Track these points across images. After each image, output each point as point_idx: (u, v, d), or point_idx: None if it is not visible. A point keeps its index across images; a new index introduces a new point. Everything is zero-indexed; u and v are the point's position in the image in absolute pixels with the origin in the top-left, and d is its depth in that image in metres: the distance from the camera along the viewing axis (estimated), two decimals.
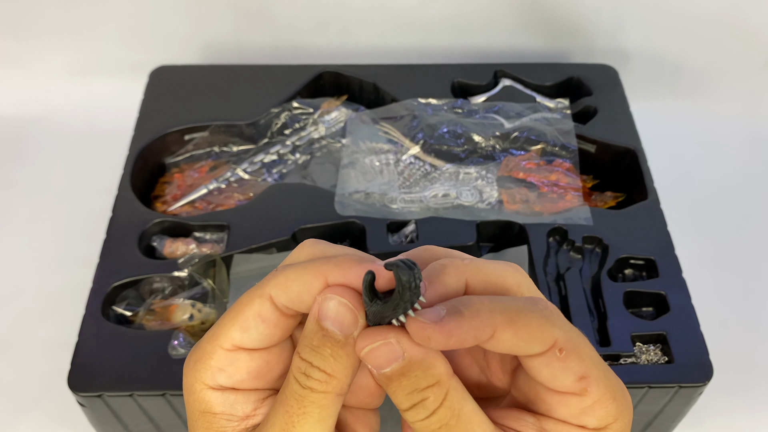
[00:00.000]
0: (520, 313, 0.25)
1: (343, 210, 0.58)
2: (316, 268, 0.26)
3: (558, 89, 0.69)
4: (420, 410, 0.25)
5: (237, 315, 0.27)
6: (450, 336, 0.24)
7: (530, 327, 0.25)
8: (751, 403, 0.60)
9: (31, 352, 0.62)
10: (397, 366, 0.25)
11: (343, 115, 0.66)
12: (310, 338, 0.25)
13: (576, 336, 0.26)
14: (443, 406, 0.25)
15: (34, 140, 0.78)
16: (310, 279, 0.26)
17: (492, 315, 0.25)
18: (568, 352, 0.25)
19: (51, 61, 0.79)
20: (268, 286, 0.26)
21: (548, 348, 0.25)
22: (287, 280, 0.26)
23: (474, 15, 0.75)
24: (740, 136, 0.80)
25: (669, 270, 0.54)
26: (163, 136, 0.64)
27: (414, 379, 0.25)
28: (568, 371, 0.25)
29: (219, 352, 0.27)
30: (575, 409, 0.26)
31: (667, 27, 0.76)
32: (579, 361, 0.25)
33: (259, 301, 0.26)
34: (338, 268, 0.25)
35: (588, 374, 0.25)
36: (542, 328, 0.25)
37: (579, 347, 0.26)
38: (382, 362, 0.25)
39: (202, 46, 0.78)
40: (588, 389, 0.25)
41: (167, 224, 0.58)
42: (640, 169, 0.61)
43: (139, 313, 0.53)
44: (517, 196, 0.60)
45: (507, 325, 0.25)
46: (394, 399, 0.25)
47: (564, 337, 0.25)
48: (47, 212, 0.72)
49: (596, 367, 0.26)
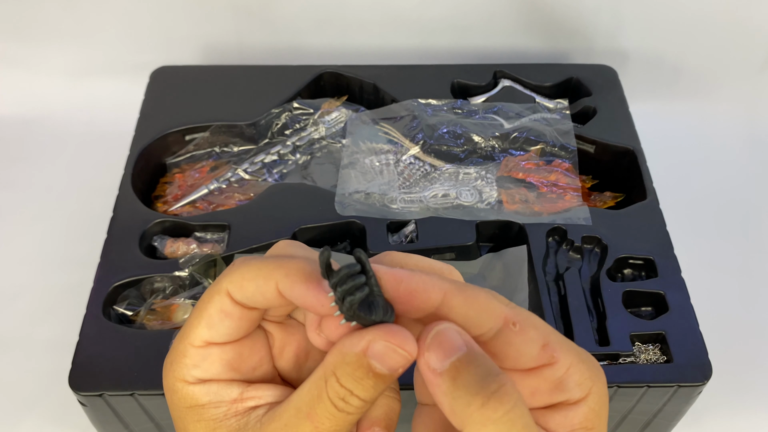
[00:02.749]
0: (468, 287, 0.26)
1: (343, 210, 0.58)
2: (269, 272, 0.26)
3: (557, 90, 0.69)
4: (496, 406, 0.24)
5: (201, 312, 0.27)
6: (399, 281, 0.25)
7: (478, 300, 0.26)
8: (750, 403, 0.60)
9: (32, 351, 0.62)
10: (465, 353, 0.24)
11: (343, 115, 0.66)
12: (354, 369, 0.25)
13: (524, 311, 0.27)
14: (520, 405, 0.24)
15: (35, 140, 0.79)
16: (262, 282, 0.26)
17: (442, 282, 0.25)
18: (522, 325, 0.26)
19: (52, 61, 0.79)
20: (224, 281, 0.27)
21: (500, 323, 0.26)
22: (242, 279, 0.27)
23: (474, 16, 0.75)
24: (739, 136, 0.80)
25: (668, 270, 0.54)
26: (164, 137, 0.64)
27: (484, 367, 0.24)
28: (530, 342, 0.26)
29: (191, 350, 0.28)
30: (553, 381, 0.26)
31: (666, 27, 0.76)
32: (535, 330, 0.26)
33: (218, 297, 0.27)
34: (287, 279, 0.26)
35: (548, 341, 0.26)
36: (489, 302, 0.26)
37: (530, 319, 0.26)
38: (453, 345, 0.24)
39: (203, 46, 0.78)
40: (555, 356, 0.26)
41: (168, 224, 0.58)
42: (639, 169, 0.61)
43: (140, 313, 0.53)
44: (517, 196, 0.60)
45: (456, 292, 0.25)
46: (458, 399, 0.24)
47: (513, 312, 0.26)
48: (48, 212, 0.72)
49: (554, 334, 0.26)
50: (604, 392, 0.27)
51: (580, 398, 0.26)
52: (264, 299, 0.27)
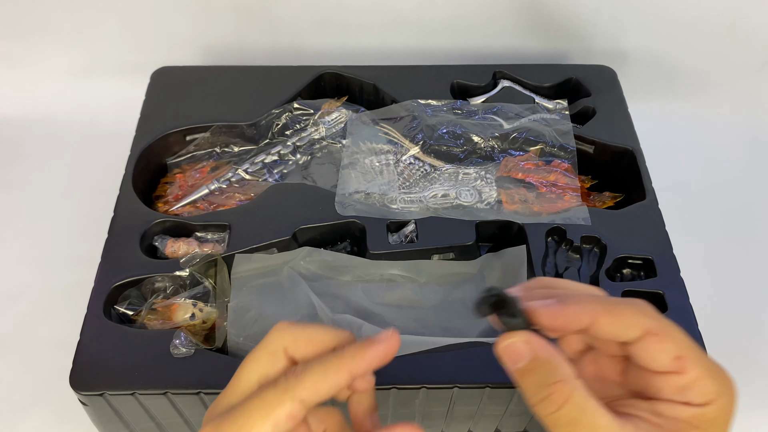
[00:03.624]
0: (615, 305, 0.31)
1: (344, 210, 0.58)
2: (337, 366, 0.32)
3: (557, 90, 0.69)
4: (548, 404, 0.29)
5: (269, 413, 0.30)
6: (553, 319, 0.31)
7: (624, 315, 0.31)
8: (749, 402, 0.60)
9: (33, 351, 0.62)
10: (527, 362, 0.30)
11: (343, 115, 0.66)
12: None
13: (668, 324, 0.31)
14: (569, 402, 0.29)
15: (36, 141, 0.79)
16: (335, 377, 0.31)
17: (591, 305, 0.31)
18: (661, 336, 0.30)
19: (53, 62, 0.79)
20: (298, 389, 0.31)
21: (643, 333, 0.30)
22: (316, 383, 0.31)
23: (473, 16, 0.75)
24: (738, 136, 0.80)
25: (667, 269, 0.54)
26: (165, 137, 0.64)
27: (542, 375, 0.30)
28: (665, 352, 0.30)
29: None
30: (677, 386, 0.30)
31: (665, 28, 0.76)
32: (673, 343, 0.30)
33: (291, 404, 0.30)
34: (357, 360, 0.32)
35: (683, 354, 0.30)
36: (635, 315, 0.31)
37: (671, 332, 0.31)
38: (518, 355, 0.31)
39: (204, 47, 0.78)
40: (685, 367, 0.30)
41: (169, 224, 0.58)
42: (638, 170, 0.61)
43: (141, 313, 0.53)
44: (516, 196, 0.60)
45: (604, 312, 0.31)
46: (527, 393, 0.30)
47: (656, 323, 0.31)
48: (49, 212, 0.72)
49: (691, 349, 0.30)
50: (727, 409, 0.30)
51: (700, 404, 0.30)
52: (338, 388, 0.32)
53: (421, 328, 0.53)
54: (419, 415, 0.52)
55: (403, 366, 0.48)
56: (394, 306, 0.55)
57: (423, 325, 0.53)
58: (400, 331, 0.33)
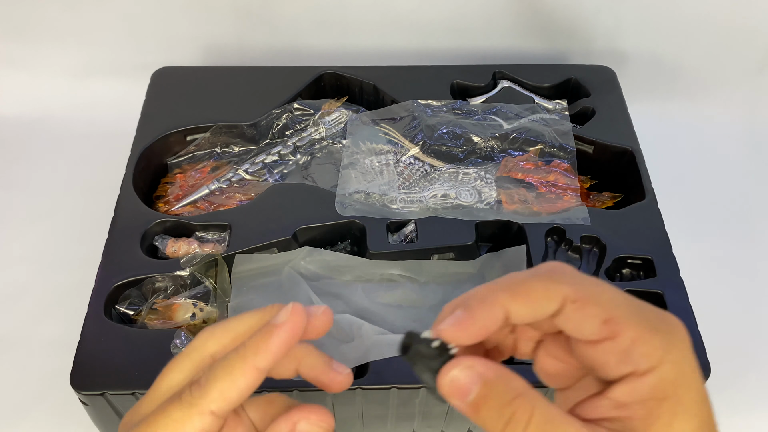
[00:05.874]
0: (522, 283, 0.27)
1: (344, 210, 0.58)
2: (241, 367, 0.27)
3: (556, 90, 0.69)
4: (515, 426, 0.25)
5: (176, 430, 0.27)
6: (467, 328, 0.27)
7: (534, 292, 0.27)
8: (748, 402, 0.60)
9: (33, 350, 0.62)
10: (478, 388, 0.26)
11: (343, 116, 0.66)
12: None
13: (591, 286, 0.27)
14: (535, 414, 0.25)
15: (37, 141, 0.79)
16: (243, 380, 0.27)
17: (496, 294, 0.27)
18: (582, 302, 0.26)
19: (54, 62, 0.79)
20: (205, 402, 0.27)
21: (560, 303, 0.26)
22: (223, 392, 0.27)
23: (473, 17, 0.75)
24: (737, 136, 0.80)
25: (666, 269, 0.54)
26: (165, 137, 0.64)
27: (498, 397, 0.26)
28: (590, 318, 0.26)
29: None
30: (616, 353, 0.26)
31: (665, 29, 0.76)
32: (597, 306, 0.26)
33: (199, 418, 0.27)
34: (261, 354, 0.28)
35: (611, 316, 0.26)
36: (546, 287, 0.27)
37: (594, 294, 0.27)
38: (465, 387, 0.26)
39: (204, 47, 0.78)
40: (617, 330, 0.26)
41: (169, 224, 0.58)
42: (638, 170, 0.61)
43: (142, 312, 0.53)
44: (516, 196, 0.60)
45: (512, 297, 0.27)
46: (489, 425, 0.26)
47: (573, 289, 0.27)
48: (50, 212, 0.73)
49: (621, 308, 0.26)
50: (683, 360, 0.26)
51: (648, 369, 0.26)
52: (249, 390, 0.28)
53: (422, 328, 0.53)
54: (419, 415, 0.52)
55: (404, 366, 0.48)
56: (394, 306, 0.55)
57: (423, 325, 0.53)
58: (400, 330, 0.33)
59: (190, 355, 0.30)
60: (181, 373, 0.29)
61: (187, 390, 0.28)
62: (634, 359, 0.26)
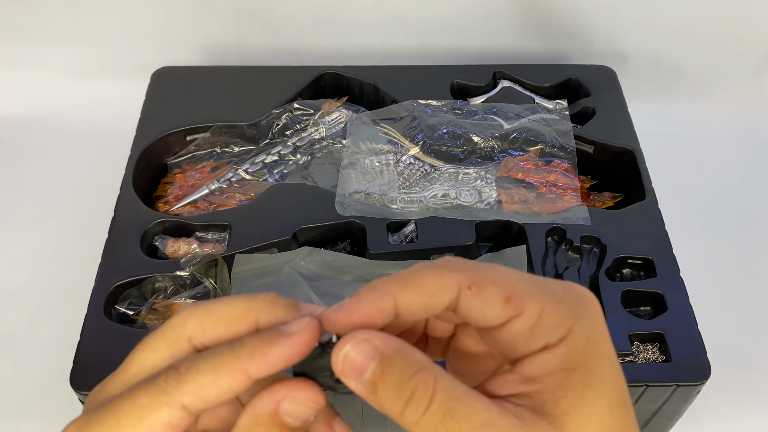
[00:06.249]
0: (413, 273, 0.25)
1: (344, 210, 0.58)
2: (229, 367, 0.24)
3: (556, 90, 0.69)
4: (416, 404, 0.23)
5: (140, 421, 0.24)
6: (349, 316, 0.25)
7: (425, 281, 0.25)
8: (748, 402, 0.61)
9: (33, 351, 0.62)
10: (375, 364, 0.24)
11: (343, 116, 0.66)
12: (268, 428, 0.25)
13: (484, 269, 0.25)
14: (438, 390, 0.23)
15: (37, 141, 0.79)
16: (227, 381, 0.24)
17: (386, 285, 0.25)
18: (478, 285, 0.25)
19: (54, 62, 0.79)
20: (178, 393, 0.24)
21: (455, 291, 0.25)
22: (201, 387, 0.24)
23: (473, 17, 0.75)
24: (737, 136, 0.80)
25: (667, 269, 0.54)
26: (165, 137, 0.64)
27: (397, 370, 0.24)
28: (491, 300, 0.25)
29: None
30: (524, 331, 0.25)
31: (665, 29, 0.76)
32: (495, 286, 0.25)
33: (168, 410, 0.24)
34: (256, 360, 0.24)
35: (511, 293, 0.25)
36: (438, 276, 0.25)
37: (490, 275, 0.25)
38: (360, 364, 0.24)
39: (204, 47, 0.78)
40: (520, 306, 0.24)
41: (169, 224, 0.58)
42: (638, 170, 0.61)
43: (142, 313, 0.53)
44: (516, 196, 0.60)
45: (403, 287, 0.25)
46: (387, 405, 0.24)
47: (466, 275, 0.25)
48: (50, 212, 0.72)
49: (520, 283, 0.25)
50: (593, 328, 0.25)
51: (558, 340, 0.24)
52: (231, 394, 0.25)
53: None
54: None
55: None
56: None
57: None
58: None
59: (166, 334, 0.27)
60: (154, 353, 0.27)
61: (164, 375, 0.25)
62: (543, 333, 0.24)
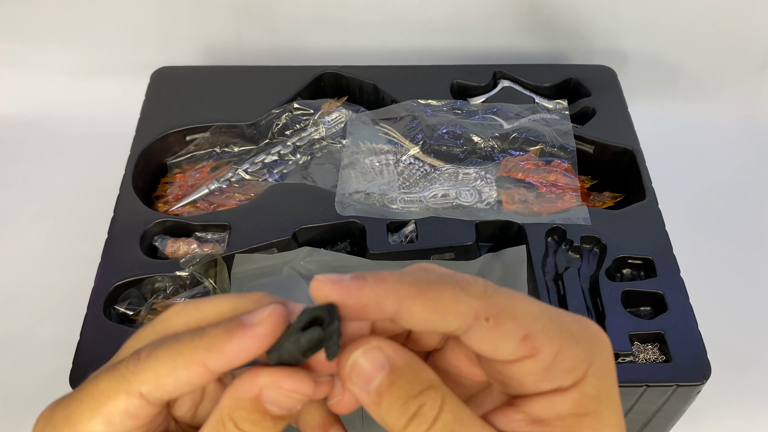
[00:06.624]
0: (431, 285, 0.23)
1: (344, 210, 0.58)
2: (188, 358, 0.23)
3: (557, 90, 0.69)
4: (420, 422, 0.22)
5: (98, 406, 0.24)
6: (347, 296, 0.22)
7: (441, 298, 0.23)
8: (748, 402, 0.60)
9: (33, 351, 0.62)
10: (385, 374, 0.23)
11: (343, 116, 0.66)
12: (249, 413, 0.23)
13: (503, 299, 0.24)
14: (444, 411, 0.23)
15: (36, 141, 0.79)
16: (185, 373, 0.23)
17: (398, 285, 0.23)
18: (496, 318, 0.23)
19: (53, 62, 0.79)
20: (135, 381, 0.23)
21: (470, 320, 0.23)
22: (158, 377, 0.23)
23: (473, 16, 0.75)
24: (738, 136, 0.80)
25: (667, 269, 0.54)
26: (165, 137, 0.64)
27: (406, 385, 0.23)
28: (507, 336, 0.23)
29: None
30: (537, 372, 0.23)
31: (665, 28, 0.76)
32: (514, 322, 0.23)
33: (125, 397, 0.23)
34: (215, 354, 0.23)
35: (530, 331, 0.23)
36: (456, 298, 0.23)
37: (509, 308, 0.24)
38: (369, 373, 0.23)
39: (204, 47, 0.78)
40: (537, 346, 0.23)
41: (169, 224, 0.58)
42: (638, 170, 0.61)
43: (141, 313, 0.53)
44: (516, 196, 0.60)
45: (415, 296, 0.23)
46: (390, 419, 0.23)
47: (485, 304, 0.23)
48: (49, 212, 0.72)
49: (539, 320, 0.24)
50: (606, 372, 0.24)
51: (572, 384, 0.23)
52: (191, 386, 0.24)
53: None
54: None
55: None
56: None
57: None
58: None
59: (155, 327, 0.26)
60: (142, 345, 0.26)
61: (126, 360, 0.24)
62: (557, 376, 0.23)
